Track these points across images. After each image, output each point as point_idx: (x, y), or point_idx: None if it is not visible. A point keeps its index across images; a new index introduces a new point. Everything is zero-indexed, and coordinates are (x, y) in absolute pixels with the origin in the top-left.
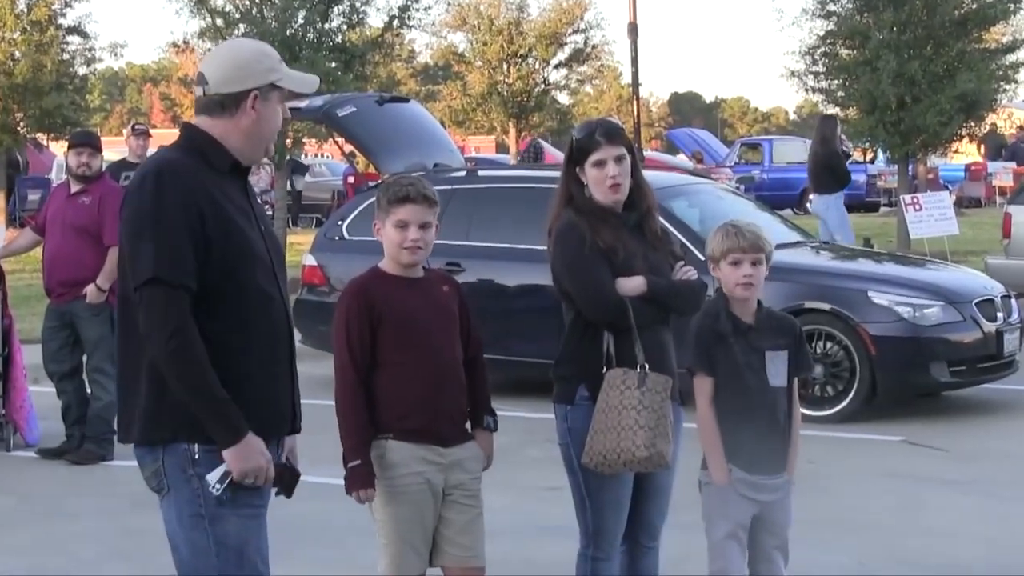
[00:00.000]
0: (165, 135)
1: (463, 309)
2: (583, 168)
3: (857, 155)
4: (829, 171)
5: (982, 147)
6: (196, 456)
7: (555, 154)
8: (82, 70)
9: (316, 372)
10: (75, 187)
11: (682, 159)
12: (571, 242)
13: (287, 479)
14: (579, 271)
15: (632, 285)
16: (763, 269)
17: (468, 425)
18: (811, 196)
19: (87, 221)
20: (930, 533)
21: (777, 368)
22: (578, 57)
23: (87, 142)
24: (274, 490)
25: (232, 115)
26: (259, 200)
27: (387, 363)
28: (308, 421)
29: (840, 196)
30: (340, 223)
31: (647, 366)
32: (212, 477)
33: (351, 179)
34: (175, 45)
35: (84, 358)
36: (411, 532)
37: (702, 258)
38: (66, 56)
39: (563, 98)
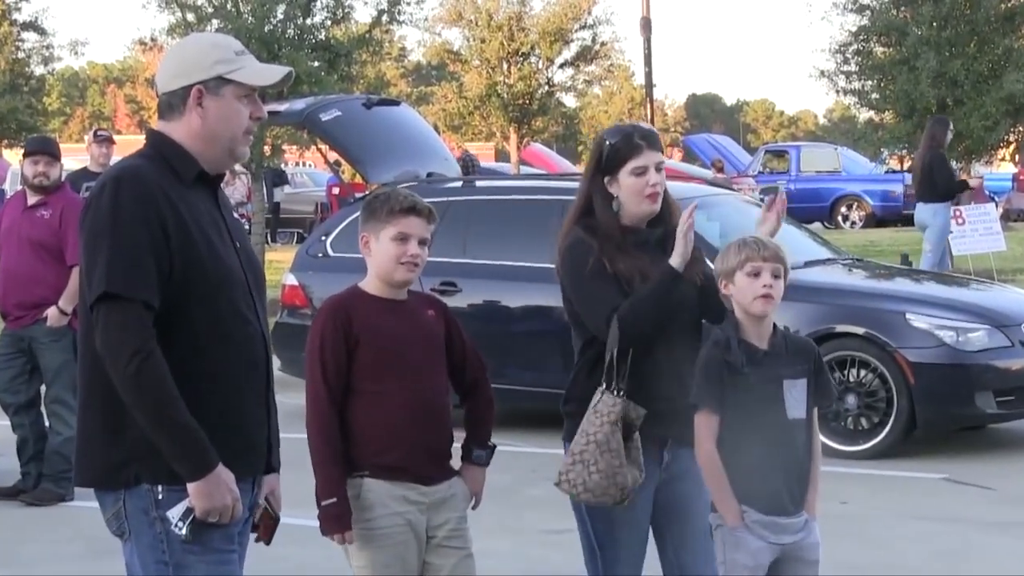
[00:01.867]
0: (131, 142)
1: (453, 330)
2: (615, 177)
3: (893, 163)
4: (932, 177)
5: (1017, 156)
6: (160, 497)
7: (557, 162)
8: (39, 70)
9: (298, 403)
10: (32, 198)
11: (700, 168)
12: (578, 256)
13: (266, 523)
14: (584, 286)
15: None
16: (782, 285)
17: (457, 459)
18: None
19: (47, 236)
20: None
21: (796, 398)
22: (586, 56)
23: (44, 149)
24: (253, 535)
25: (181, 115)
26: (235, 213)
27: (363, 391)
28: (288, 457)
29: (946, 208)
30: (324, 239)
31: (605, 387)
32: (174, 514)
33: (336, 190)
34: (142, 43)
35: (42, 388)
36: None
37: None
38: (21, 55)
39: (569, 100)
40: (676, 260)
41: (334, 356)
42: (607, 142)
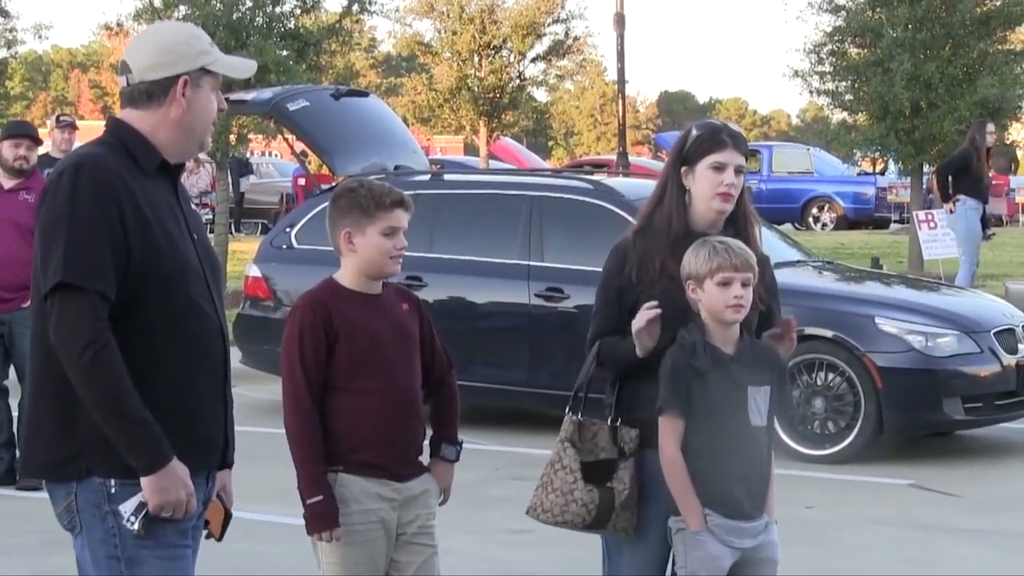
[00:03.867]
0: (94, 127)
1: (425, 326)
2: (692, 169)
3: (866, 165)
4: (961, 173)
5: (990, 161)
6: (112, 491)
7: (526, 156)
8: (1, 53)
9: (257, 396)
10: (10, 182)
11: None
12: (610, 263)
13: (217, 519)
14: (599, 295)
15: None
16: (751, 292)
17: (426, 456)
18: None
19: (31, 219)
20: None
21: (759, 406)
22: (558, 50)
23: (25, 132)
24: (204, 532)
25: (161, 105)
26: (199, 203)
27: (341, 388)
28: (244, 450)
29: (973, 206)
30: (288, 230)
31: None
32: (126, 508)
33: (301, 181)
34: (107, 27)
35: (13, 373)
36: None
37: None
38: None
39: (540, 95)
40: (639, 352)
41: (314, 353)
42: (694, 131)
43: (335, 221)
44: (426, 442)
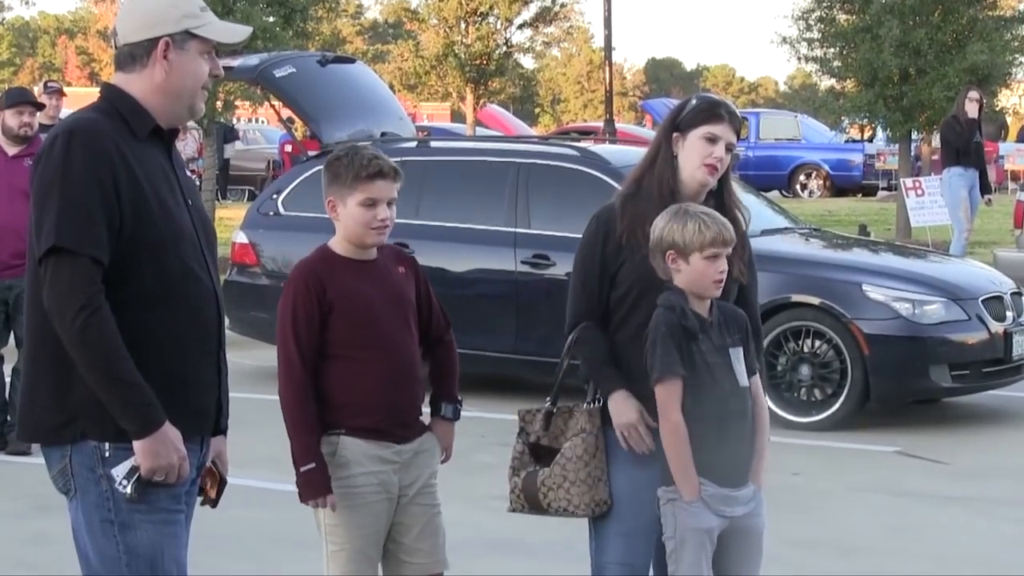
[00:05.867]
0: (81, 94)
1: (421, 286)
2: (684, 135)
3: (854, 132)
4: (944, 142)
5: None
6: (107, 455)
7: (513, 124)
8: None
9: (245, 363)
10: (13, 149)
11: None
12: (590, 235)
13: (213, 485)
14: (576, 268)
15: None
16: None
17: (425, 416)
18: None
19: None
20: (926, 557)
21: (742, 366)
22: (545, 17)
23: (27, 99)
24: (199, 499)
25: (144, 67)
26: (186, 170)
27: (337, 356)
28: (233, 416)
29: (958, 173)
30: (275, 197)
31: (592, 404)
32: (118, 472)
33: (288, 148)
34: None
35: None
36: (364, 538)
37: None
38: None
39: (527, 62)
40: (613, 416)
41: (307, 322)
42: (693, 101)
43: (324, 189)
44: (426, 402)
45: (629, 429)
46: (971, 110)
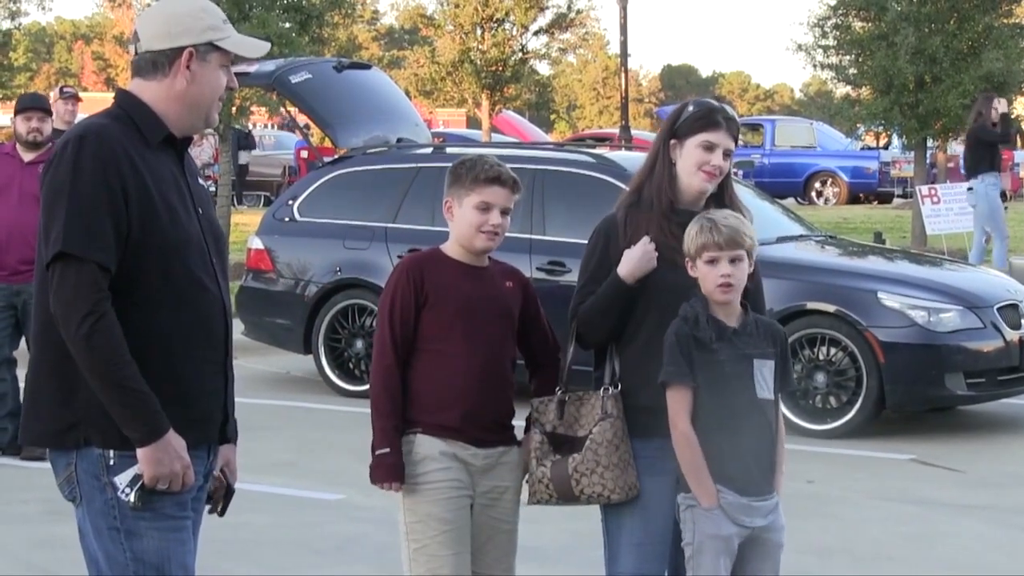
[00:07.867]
0: (97, 99)
1: (531, 305)
2: (682, 143)
3: (869, 140)
4: (978, 146)
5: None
6: (111, 462)
7: (529, 130)
8: (5, 25)
9: (260, 368)
10: (28, 155)
11: None
12: (592, 244)
13: (220, 493)
14: (582, 272)
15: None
16: (745, 267)
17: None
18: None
19: None
20: (941, 565)
21: (765, 378)
22: (560, 23)
23: (37, 105)
24: (207, 507)
25: (165, 76)
26: (202, 174)
27: (428, 350)
28: (244, 422)
29: (994, 180)
30: (291, 203)
31: (609, 389)
32: (121, 480)
33: (304, 154)
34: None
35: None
36: (445, 534)
37: None
38: None
39: (543, 68)
40: (623, 270)
41: (402, 312)
42: (690, 107)
43: (444, 191)
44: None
45: (643, 248)
46: (995, 116)
